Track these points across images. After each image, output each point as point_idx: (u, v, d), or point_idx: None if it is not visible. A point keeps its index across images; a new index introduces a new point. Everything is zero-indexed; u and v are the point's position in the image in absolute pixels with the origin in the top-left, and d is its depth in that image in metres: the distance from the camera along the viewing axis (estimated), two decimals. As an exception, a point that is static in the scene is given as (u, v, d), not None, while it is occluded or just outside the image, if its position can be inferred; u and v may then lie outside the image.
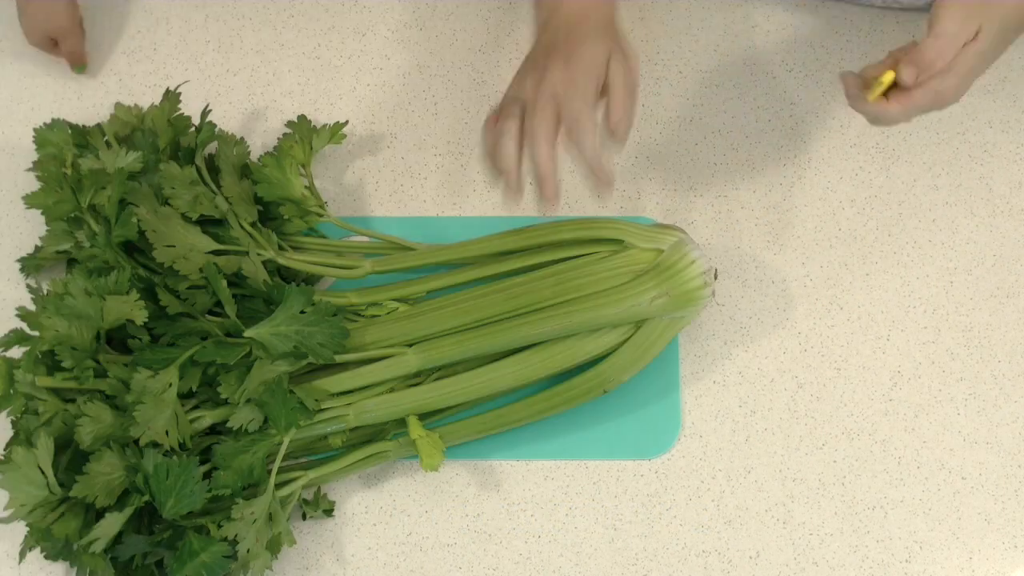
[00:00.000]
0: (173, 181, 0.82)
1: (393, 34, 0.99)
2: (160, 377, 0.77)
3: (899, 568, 0.83)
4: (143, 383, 0.76)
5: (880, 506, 0.84)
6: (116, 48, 0.99)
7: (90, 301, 0.78)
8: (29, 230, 0.93)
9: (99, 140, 0.88)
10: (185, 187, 0.82)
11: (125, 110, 0.90)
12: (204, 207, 0.82)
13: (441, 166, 0.94)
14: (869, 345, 0.88)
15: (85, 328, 0.77)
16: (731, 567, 0.83)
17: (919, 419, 0.86)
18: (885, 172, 0.93)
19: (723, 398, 0.87)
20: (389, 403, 0.82)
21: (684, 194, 0.92)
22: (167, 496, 0.75)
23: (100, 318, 0.78)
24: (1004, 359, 0.88)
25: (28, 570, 0.84)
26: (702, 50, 0.97)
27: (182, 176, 0.82)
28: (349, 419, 0.81)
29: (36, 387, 0.78)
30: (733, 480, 0.85)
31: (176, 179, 0.82)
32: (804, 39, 0.97)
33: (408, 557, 0.84)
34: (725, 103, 0.95)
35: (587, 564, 0.83)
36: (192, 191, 0.82)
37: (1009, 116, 0.94)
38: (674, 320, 0.81)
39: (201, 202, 0.82)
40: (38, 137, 0.88)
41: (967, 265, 0.90)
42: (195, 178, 0.83)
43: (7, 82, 0.98)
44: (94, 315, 0.77)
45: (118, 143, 0.86)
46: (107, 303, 0.78)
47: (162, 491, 0.75)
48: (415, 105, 0.96)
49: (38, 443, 0.75)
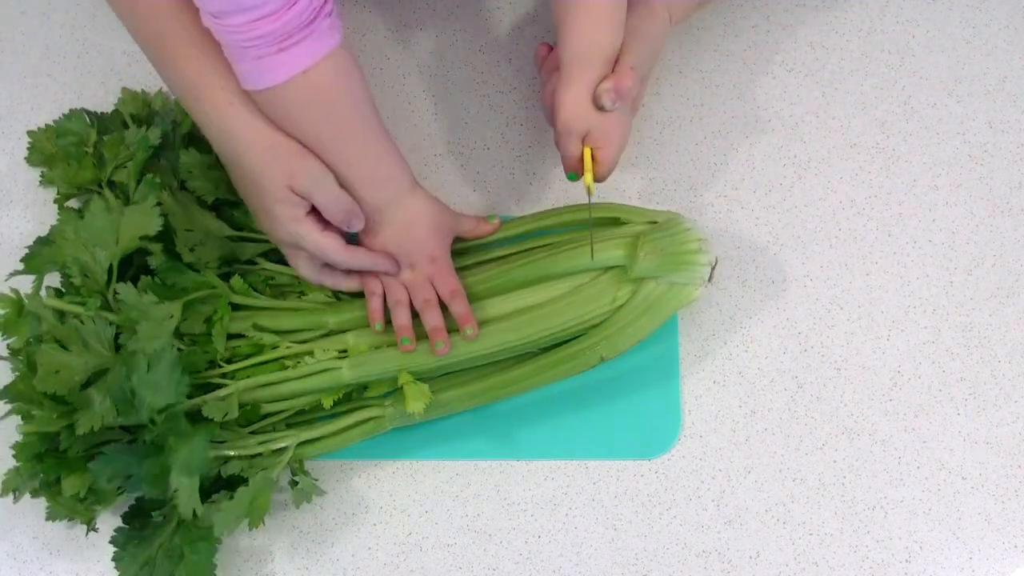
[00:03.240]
0: (192, 167, 0.84)
1: (393, 34, 0.99)
2: (165, 306, 0.79)
3: (899, 568, 0.83)
4: (148, 306, 0.78)
5: (880, 506, 0.84)
6: (116, 48, 0.99)
7: (109, 219, 0.80)
8: (29, 230, 0.93)
9: (118, 124, 0.90)
10: (203, 172, 0.84)
11: (133, 94, 0.92)
12: (220, 191, 0.84)
13: (441, 166, 0.94)
14: (869, 345, 0.88)
15: (100, 255, 0.80)
16: (731, 567, 0.83)
17: (919, 419, 0.86)
18: (885, 172, 0.93)
19: (723, 398, 0.87)
20: (384, 359, 0.82)
21: (684, 194, 0.92)
22: (147, 389, 0.75)
23: (115, 241, 0.80)
24: (1004, 359, 0.88)
25: (29, 570, 0.84)
26: (702, 50, 0.97)
27: (200, 162, 0.84)
28: (343, 373, 0.82)
29: (44, 308, 0.79)
30: (733, 480, 0.85)
31: (195, 165, 0.84)
32: (804, 39, 0.97)
33: (408, 557, 0.84)
34: (725, 103, 0.95)
35: (587, 564, 0.83)
36: (210, 177, 0.84)
37: (1009, 116, 0.94)
38: (672, 287, 0.81)
39: (218, 186, 0.84)
40: (58, 128, 0.90)
41: (967, 265, 0.90)
42: (212, 163, 0.84)
43: (7, 82, 0.98)
44: (110, 237, 0.80)
45: (136, 123, 0.88)
46: (125, 216, 0.80)
47: (143, 385, 0.75)
48: (415, 105, 0.96)
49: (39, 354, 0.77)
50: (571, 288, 0.83)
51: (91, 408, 0.76)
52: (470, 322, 0.81)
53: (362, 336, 0.83)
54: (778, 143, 0.94)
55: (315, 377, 0.82)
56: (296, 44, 0.71)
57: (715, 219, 0.92)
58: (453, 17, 0.99)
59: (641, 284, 0.81)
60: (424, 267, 0.83)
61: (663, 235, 0.81)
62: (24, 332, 0.81)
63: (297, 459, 0.82)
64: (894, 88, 0.95)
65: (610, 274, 0.82)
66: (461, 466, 0.86)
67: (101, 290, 0.80)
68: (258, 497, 0.78)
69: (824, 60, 0.96)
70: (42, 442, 0.78)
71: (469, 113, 0.96)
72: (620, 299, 0.81)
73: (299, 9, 0.69)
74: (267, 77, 0.72)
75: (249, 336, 0.83)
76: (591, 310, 0.81)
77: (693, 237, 0.81)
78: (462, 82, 0.97)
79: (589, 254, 0.81)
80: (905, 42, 0.97)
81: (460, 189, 0.93)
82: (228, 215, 0.85)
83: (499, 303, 0.84)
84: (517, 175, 0.94)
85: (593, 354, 0.81)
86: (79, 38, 0.99)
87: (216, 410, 0.79)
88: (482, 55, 0.98)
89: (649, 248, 0.80)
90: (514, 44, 0.98)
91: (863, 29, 0.97)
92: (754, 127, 0.95)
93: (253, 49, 0.70)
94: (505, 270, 0.84)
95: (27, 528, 0.84)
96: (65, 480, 0.78)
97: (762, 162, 0.94)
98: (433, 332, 0.81)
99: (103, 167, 0.87)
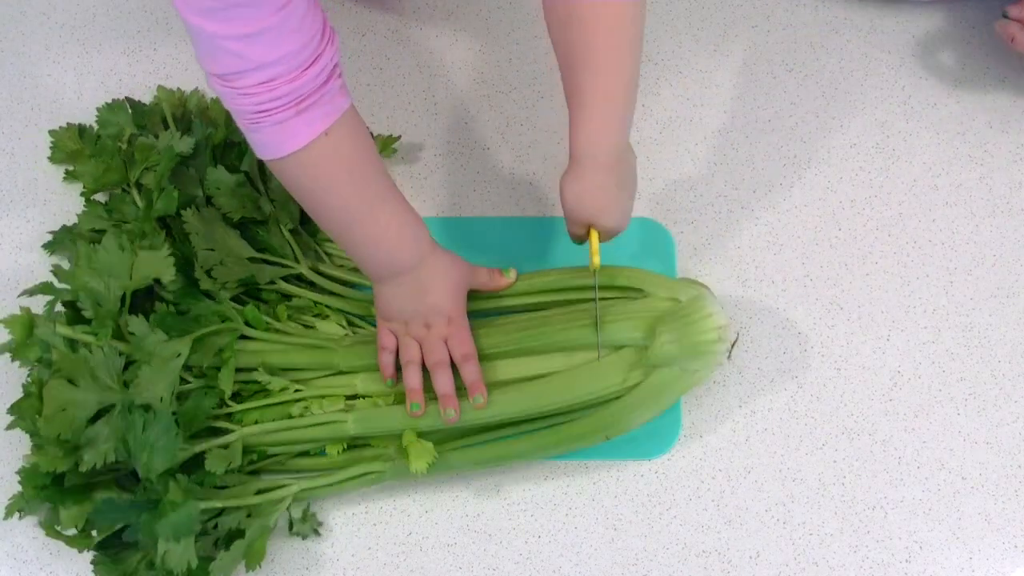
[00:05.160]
0: (219, 183, 0.84)
1: (393, 34, 0.99)
2: (173, 344, 0.78)
3: (899, 568, 0.83)
4: (156, 344, 0.78)
5: (880, 506, 0.84)
6: (116, 48, 0.99)
7: (122, 256, 0.80)
8: (30, 231, 0.93)
9: (157, 121, 0.90)
10: (230, 190, 0.84)
11: (168, 93, 0.92)
12: (247, 210, 0.84)
13: (441, 166, 0.94)
14: (869, 345, 0.88)
15: (113, 285, 0.79)
16: (731, 567, 0.83)
17: (919, 419, 0.86)
18: (885, 172, 0.93)
19: (723, 398, 0.87)
20: (389, 417, 0.82)
21: (684, 194, 0.92)
22: (142, 450, 0.75)
23: (128, 276, 0.80)
24: (1004, 359, 0.88)
25: (29, 570, 0.84)
26: (702, 50, 0.97)
27: (228, 181, 0.84)
28: (348, 426, 0.81)
29: (54, 335, 0.79)
30: (733, 480, 0.85)
31: (222, 183, 0.84)
32: (804, 39, 0.97)
33: (408, 557, 0.84)
34: (725, 103, 0.95)
35: (587, 564, 0.83)
36: (237, 195, 0.84)
37: (1009, 116, 0.94)
38: (685, 373, 0.80)
39: (245, 205, 0.84)
40: (100, 118, 0.91)
41: (967, 265, 0.90)
42: (242, 181, 0.85)
43: (7, 82, 0.98)
44: (123, 271, 0.80)
45: (175, 124, 0.89)
46: (139, 257, 0.80)
47: (138, 445, 0.75)
48: (415, 105, 0.96)
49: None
50: (583, 361, 0.81)
51: (96, 446, 0.76)
52: (480, 390, 0.80)
53: (370, 381, 0.83)
54: (778, 143, 0.94)
55: (320, 428, 0.82)
56: (313, 105, 0.70)
57: (715, 219, 0.92)
58: (453, 17, 0.99)
59: (655, 368, 0.80)
60: (440, 328, 0.81)
61: (684, 322, 0.79)
62: (33, 355, 0.81)
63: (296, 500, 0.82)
64: (894, 88, 0.95)
65: (624, 352, 0.81)
66: (461, 466, 0.86)
67: (113, 318, 0.80)
68: (254, 543, 0.78)
69: (824, 60, 0.96)
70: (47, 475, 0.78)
71: (469, 113, 0.96)
72: (632, 380, 0.80)
73: (315, 71, 0.69)
74: (289, 143, 0.71)
75: (257, 377, 0.82)
76: (601, 387, 0.80)
77: (713, 325, 0.79)
78: (462, 82, 0.97)
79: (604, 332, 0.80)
80: (905, 42, 0.97)
81: (460, 189, 0.93)
82: (252, 233, 0.85)
83: (509, 366, 0.82)
84: (517, 175, 0.94)
85: (599, 431, 0.81)
86: (79, 38, 0.99)
87: (219, 461, 0.78)
88: (482, 55, 0.98)
89: (668, 337, 0.78)
90: (514, 44, 0.98)
91: (863, 29, 0.97)
92: (754, 127, 0.95)
93: (270, 114, 0.69)
94: (518, 336, 0.82)
95: (27, 528, 0.84)
96: (64, 513, 0.78)
97: (762, 162, 0.94)
98: (443, 399, 0.80)
99: (133, 168, 0.87)
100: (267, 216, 0.85)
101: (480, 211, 0.93)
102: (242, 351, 0.82)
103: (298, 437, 0.82)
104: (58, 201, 0.93)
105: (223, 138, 0.88)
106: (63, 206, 0.93)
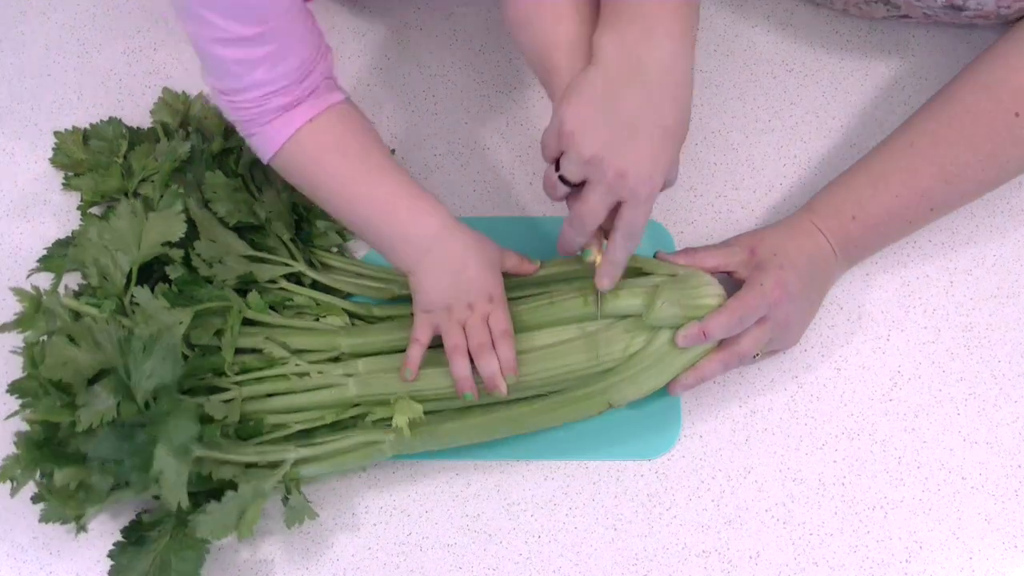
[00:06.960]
0: (216, 188, 0.85)
1: (393, 34, 0.99)
2: (175, 312, 0.79)
3: (899, 568, 0.83)
4: (158, 310, 0.79)
5: (880, 506, 0.84)
6: (116, 48, 0.99)
7: (134, 222, 0.81)
8: (30, 231, 0.93)
9: (152, 140, 0.91)
10: (227, 195, 0.85)
11: (173, 95, 0.92)
12: (243, 214, 0.85)
13: (441, 166, 0.94)
14: (869, 345, 0.88)
15: (122, 259, 0.81)
16: (731, 567, 0.83)
17: (919, 419, 0.86)
18: (885, 172, 0.93)
19: (723, 398, 0.87)
20: (391, 380, 0.82)
21: (684, 194, 0.92)
22: (143, 375, 0.75)
23: (137, 247, 0.81)
24: (1004, 359, 0.88)
25: (29, 569, 0.84)
26: (702, 50, 0.97)
27: (225, 185, 0.85)
28: (348, 388, 0.82)
29: (60, 306, 0.80)
30: (733, 480, 0.85)
31: (219, 187, 0.85)
32: (804, 39, 0.97)
33: (408, 557, 0.84)
34: (725, 103, 0.95)
35: (587, 564, 0.83)
36: (233, 199, 0.85)
37: (1009, 116, 0.94)
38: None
39: (240, 209, 0.85)
40: (92, 131, 0.91)
41: (967, 265, 0.90)
42: (238, 186, 0.86)
43: (7, 82, 0.98)
44: (133, 241, 0.81)
45: (167, 137, 0.89)
46: (150, 221, 0.82)
47: (139, 372, 0.75)
48: (415, 105, 0.96)
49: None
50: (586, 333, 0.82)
51: (94, 405, 0.76)
52: (514, 369, 0.79)
53: (373, 364, 0.83)
54: (778, 143, 0.94)
55: (320, 392, 0.82)
56: (300, 104, 0.77)
57: (715, 219, 0.92)
58: (453, 17, 0.99)
59: (655, 334, 0.80)
60: (483, 307, 0.80)
61: (682, 287, 0.80)
62: (40, 328, 0.82)
63: (292, 478, 0.81)
64: (894, 88, 0.95)
65: (626, 322, 0.81)
66: (461, 466, 0.86)
67: (118, 294, 0.81)
68: (248, 508, 0.77)
69: (824, 60, 0.96)
70: (44, 431, 0.78)
71: (469, 113, 0.96)
72: (633, 347, 0.80)
73: (309, 84, 0.76)
74: (279, 137, 0.77)
75: (260, 350, 0.82)
76: (604, 354, 0.81)
77: (713, 292, 0.79)
78: (462, 82, 0.97)
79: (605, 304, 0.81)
80: (905, 42, 0.97)
81: (460, 189, 0.93)
82: (248, 239, 0.85)
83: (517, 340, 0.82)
84: (517, 175, 0.94)
85: (601, 400, 0.81)
86: (79, 38, 0.99)
87: (218, 409, 0.79)
88: (482, 55, 0.98)
89: (667, 297, 0.79)
90: (515, 44, 0.98)
91: (863, 29, 0.97)
92: (754, 127, 0.95)
93: (265, 122, 0.77)
94: (525, 309, 0.83)
95: (27, 528, 0.84)
96: (58, 472, 0.77)
97: (762, 162, 0.94)
98: (489, 380, 0.79)
99: (131, 178, 0.87)
100: (262, 221, 0.86)
101: (480, 211, 0.93)
102: (244, 335, 0.83)
103: (298, 403, 0.82)
104: (58, 201, 0.94)
105: (220, 148, 0.88)
106: (63, 206, 0.93)
